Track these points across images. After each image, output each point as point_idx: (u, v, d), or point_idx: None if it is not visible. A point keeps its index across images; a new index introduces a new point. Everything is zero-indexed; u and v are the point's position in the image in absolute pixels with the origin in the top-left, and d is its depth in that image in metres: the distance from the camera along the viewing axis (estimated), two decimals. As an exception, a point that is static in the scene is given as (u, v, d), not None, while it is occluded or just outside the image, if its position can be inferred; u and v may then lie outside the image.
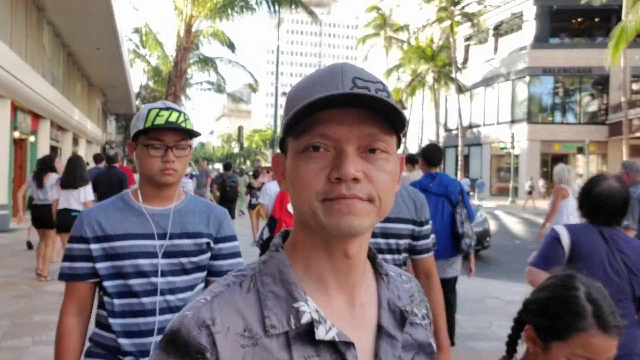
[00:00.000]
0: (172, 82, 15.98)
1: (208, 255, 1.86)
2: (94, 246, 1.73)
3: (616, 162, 28.04)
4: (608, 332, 1.34)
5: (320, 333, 0.74)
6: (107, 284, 1.74)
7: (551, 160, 34.08)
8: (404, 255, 2.27)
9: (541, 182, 31.47)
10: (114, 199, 1.84)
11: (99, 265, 1.74)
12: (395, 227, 2.19)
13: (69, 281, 1.77)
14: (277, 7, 15.23)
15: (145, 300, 1.73)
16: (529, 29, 34.38)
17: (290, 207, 7.37)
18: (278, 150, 0.83)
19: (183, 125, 1.74)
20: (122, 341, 1.73)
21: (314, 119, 0.72)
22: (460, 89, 34.78)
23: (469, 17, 34.59)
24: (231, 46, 20.57)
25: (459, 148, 35.06)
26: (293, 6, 15.63)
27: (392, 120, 0.74)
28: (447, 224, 4.57)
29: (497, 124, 36.24)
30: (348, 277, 0.79)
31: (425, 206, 2.32)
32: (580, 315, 1.35)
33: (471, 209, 4.85)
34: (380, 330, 0.81)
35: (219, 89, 26.63)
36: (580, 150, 29.57)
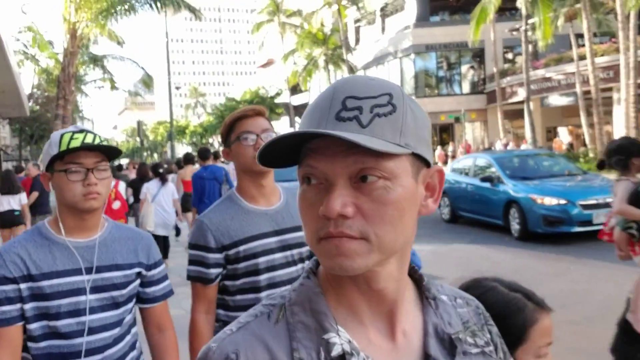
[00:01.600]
0: (61, 86, 16.31)
1: (137, 283, 1.79)
2: (23, 286, 1.60)
3: (495, 127, 31.13)
4: (547, 309, 1.29)
5: None
6: (32, 326, 1.62)
7: (439, 130, 36.99)
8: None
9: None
10: (31, 232, 1.70)
11: (26, 306, 1.61)
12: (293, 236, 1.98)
13: None
14: (160, 8, 15.90)
15: (75, 341, 1.64)
16: (411, 9, 36.74)
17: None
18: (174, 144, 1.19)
19: (105, 144, 1.68)
20: None
21: (305, 149, 0.69)
22: (352, 70, 36.68)
23: (354, 0, 36.41)
24: (120, 43, 20.92)
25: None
26: (177, 5, 16.39)
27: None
28: (217, 198, 6.90)
29: (389, 100, 38.55)
30: (381, 305, 0.73)
31: None
32: (519, 306, 1.26)
33: (232, 185, 6.82)
34: (427, 359, 0.74)
35: (112, 85, 26.72)
36: (457, 119, 32.44)
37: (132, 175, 12.90)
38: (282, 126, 50.96)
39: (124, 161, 64.60)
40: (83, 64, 24.44)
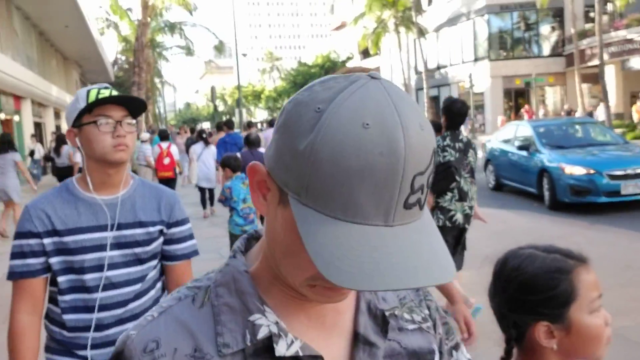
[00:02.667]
0: (136, 55, 17.54)
1: (160, 241, 1.80)
2: (47, 240, 1.65)
3: (574, 92, 29.82)
4: (587, 262, 1.25)
5: (281, 349, 0.65)
6: (59, 279, 1.68)
7: (514, 95, 35.80)
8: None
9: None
10: (59, 189, 1.74)
11: (52, 260, 1.67)
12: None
13: (20, 279, 1.67)
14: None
15: (97, 295, 1.68)
16: (486, -32, 35.34)
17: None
18: (243, 110, 1.41)
19: (133, 97, 1.72)
20: (75, 335, 1.70)
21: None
22: (422, 32, 36.04)
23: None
24: (191, 11, 21.89)
25: (424, 90, 36.69)
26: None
27: None
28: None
29: (462, 63, 37.66)
30: None
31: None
32: (564, 265, 1.21)
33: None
34: (357, 337, 0.71)
35: (189, 52, 27.98)
36: (528, 84, 31.33)
37: (184, 138, 15.64)
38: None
39: (205, 125, 67.32)
40: (159, 31, 25.74)
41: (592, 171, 8.58)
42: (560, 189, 8.81)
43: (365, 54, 45.25)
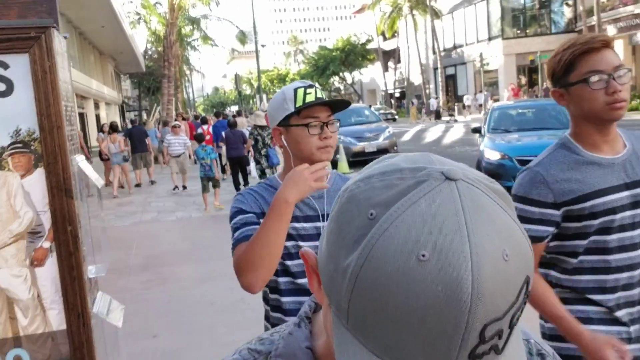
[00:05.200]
0: (165, 52, 19.66)
1: None
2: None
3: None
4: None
5: None
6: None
7: (527, 71, 36.85)
8: None
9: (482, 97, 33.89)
10: (264, 184, 1.77)
11: None
12: None
13: None
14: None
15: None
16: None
17: None
18: (264, 98, 2.13)
19: (338, 100, 1.73)
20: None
21: None
22: (436, 14, 37.27)
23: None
24: (209, 6, 23.96)
25: (439, 70, 38.05)
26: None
27: None
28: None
29: (477, 42, 38.80)
30: None
31: None
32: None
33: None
34: None
35: (208, 43, 30.26)
36: (532, 62, 32.33)
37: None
38: (375, 71, 52.46)
39: (234, 108, 69.56)
40: (184, 24, 27.93)
41: (505, 156, 8.87)
42: (484, 172, 9.78)
43: (385, 36, 46.52)
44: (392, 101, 51.11)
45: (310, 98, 1.63)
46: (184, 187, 12.70)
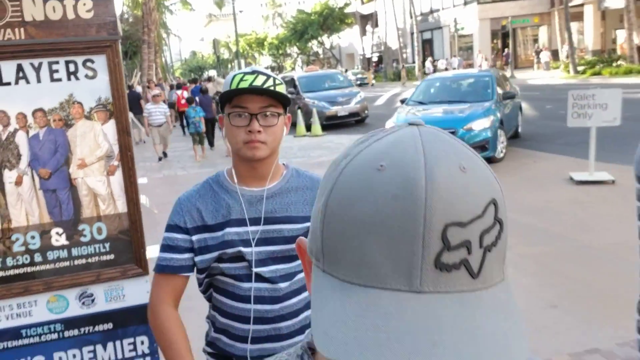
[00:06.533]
0: (144, 18, 20.01)
1: None
2: (195, 237, 1.58)
3: (562, 30, 31.53)
4: None
5: None
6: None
7: (501, 36, 37.67)
8: None
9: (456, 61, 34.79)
10: (210, 181, 1.65)
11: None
12: None
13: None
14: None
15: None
16: None
17: None
18: (242, 63, 2.13)
19: (272, 89, 1.50)
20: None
21: None
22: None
23: None
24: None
25: (415, 34, 38.69)
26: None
27: None
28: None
29: (453, 7, 39.40)
30: None
31: None
32: None
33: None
34: None
35: (186, 6, 30.38)
36: (504, 27, 33.09)
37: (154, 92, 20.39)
38: (353, 35, 52.74)
39: (212, 72, 69.21)
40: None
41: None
42: None
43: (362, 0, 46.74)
44: (370, 65, 51.66)
45: (243, 85, 1.49)
46: (165, 155, 12.98)
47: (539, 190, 7.36)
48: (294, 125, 15.60)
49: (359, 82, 33.00)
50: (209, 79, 20.38)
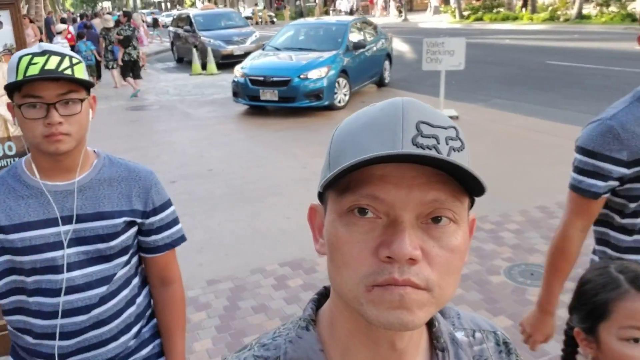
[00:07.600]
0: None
1: (132, 233, 1.50)
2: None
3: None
4: None
5: None
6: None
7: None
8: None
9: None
10: (5, 173, 1.44)
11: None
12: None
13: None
14: None
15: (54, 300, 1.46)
16: None
17: None
18: None
19: (68, 73, 1.30)
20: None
21: (363, 175, 0.55)
22: None
23: None
24: None
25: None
26: None
27: (467, 183, 0.55)
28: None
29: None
30: None
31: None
32: (614, 284, 1.24)
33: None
34: None
35: None
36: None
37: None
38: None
39: (106, 4, 64.75)
40: None
41: (244, 75, 9.78)
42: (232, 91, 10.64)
43: None
44: (272, 3, 51.00)
45: (33, 70, 1.28)
46: None
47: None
48: (189, 63, 15.90)
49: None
50: (95, 15, 20.29)
